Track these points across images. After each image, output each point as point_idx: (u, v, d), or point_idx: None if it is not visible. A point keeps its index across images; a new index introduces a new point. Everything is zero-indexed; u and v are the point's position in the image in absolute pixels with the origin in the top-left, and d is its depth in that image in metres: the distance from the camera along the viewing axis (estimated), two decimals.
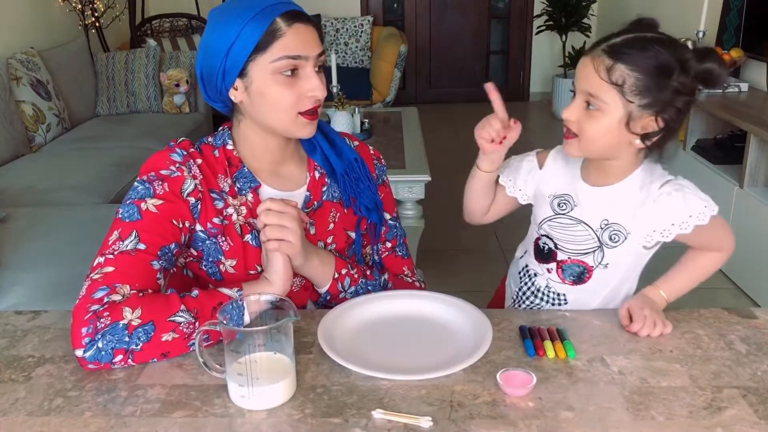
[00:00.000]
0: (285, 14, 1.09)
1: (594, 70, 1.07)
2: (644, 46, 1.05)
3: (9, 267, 2.12)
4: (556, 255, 1.22)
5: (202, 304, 1.03)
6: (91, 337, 0.97)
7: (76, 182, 2.99)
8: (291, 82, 1.10)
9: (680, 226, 1.12)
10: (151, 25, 5.14)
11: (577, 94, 1.11)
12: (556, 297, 1.26)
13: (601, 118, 1.08)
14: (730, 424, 0.88)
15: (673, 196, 1.13)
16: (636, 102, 1.06)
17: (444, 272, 2.91)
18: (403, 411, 0.90)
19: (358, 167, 1.25)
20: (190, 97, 4.27)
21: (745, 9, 3.41)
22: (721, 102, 3.15)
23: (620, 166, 1.15)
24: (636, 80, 1.05)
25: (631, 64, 1.04)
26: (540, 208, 1.24)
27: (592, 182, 1.19)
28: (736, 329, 1.11)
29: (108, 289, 1.01)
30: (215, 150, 1.19)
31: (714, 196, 1.17)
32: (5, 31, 3.71)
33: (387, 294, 1.19)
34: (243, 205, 1.17)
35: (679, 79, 1.05)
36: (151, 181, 1.11)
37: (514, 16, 6.23)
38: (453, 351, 1.03)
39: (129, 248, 1.05)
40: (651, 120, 1.08)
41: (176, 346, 1.01)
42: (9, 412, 0.92)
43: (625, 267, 1.22)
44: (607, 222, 1.16)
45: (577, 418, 0.89)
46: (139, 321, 0.98)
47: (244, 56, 1.09)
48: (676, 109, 1.07)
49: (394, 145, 3.18)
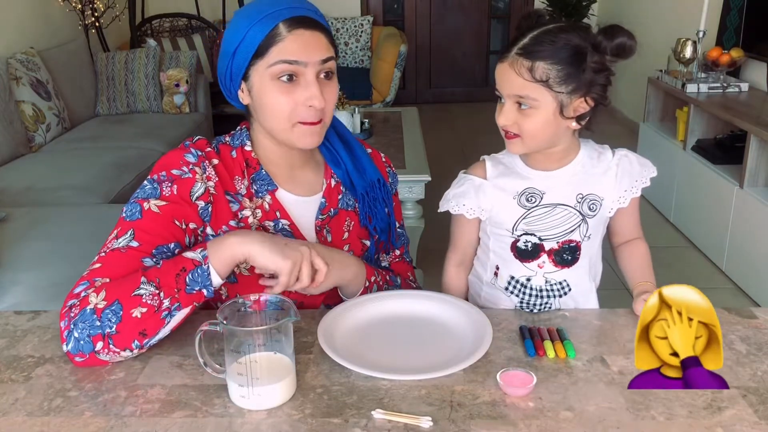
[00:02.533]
0: (289, 19, 1.07)
1: (516, 73, 1.12)
2: (553, 39, 1.11)
3: (9, 267, 2.12)
4: (543, 247, 1.23)
5: (164, 273, 1.00)
6: (68, 329, 0.98)
7: (76, 182, 2.99)
8: (289, 89, 1.08)
9: (642, 182, 1.23)
10: (151, 25, 5.14)
11: (506, 99, 1.16)
12: (559, 286, 1.24)
13: (536, 114, 1.13)
14: (730, 424, 0.88)
15: (629, 157, 1.24)
16: (564, 90, 1.12)
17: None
18: (403, 411, 0.90)
19: (378, 188, 1.24)
20: (190, 97, 4.27)
21: (745, 9, 3.41)
22: (721, 102, 3.16)
23: (562, 149, 1.21)
24: (558, 72, 1.10)
25: (548, 59, 1.10)
26: (506, 214, 1.22)
27: (546, 168, 1.22)
28: (736, 329, 1.11)
29: (87, 284, 1.01)
30: (233, 150, 1.18)
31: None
32: (5, 31, 3.71)
33: (387, 294, 1.19)
34: (259, 208, 1.16)
35: (593, 59, 1.11)
36: (160, 181, 1.10)
37: (514, 16, 6.23)
38: (453, 351, 1.03)
39: (121, 245, 1.05)
40: (581, 102, 1.14)
41: (149, 321, 0.98)
42: (9, 412, 0.92)
43: (600, 235, 1.27)
44: (582, 195, 1.21)
45: (577, 418, 0.89)
46: (104, 303, 0.97)
47: (246, 60, 1.09)
48: (600, 86, 1.13)
49: (394, 145, 3.19)
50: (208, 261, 1.01)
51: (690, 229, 3.32)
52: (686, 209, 3.35)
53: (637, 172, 1.22)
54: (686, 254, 3.20)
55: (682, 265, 3.11)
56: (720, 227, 2.98)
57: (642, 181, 1.23)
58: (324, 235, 1.21)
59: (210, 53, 5.10)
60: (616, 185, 1.22)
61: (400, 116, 3.80)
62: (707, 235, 3.14)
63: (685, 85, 3.35)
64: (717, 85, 3.33)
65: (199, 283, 1.00)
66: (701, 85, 3.33)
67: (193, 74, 4.30)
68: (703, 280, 2.96)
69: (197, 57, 4.53)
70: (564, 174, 1.22)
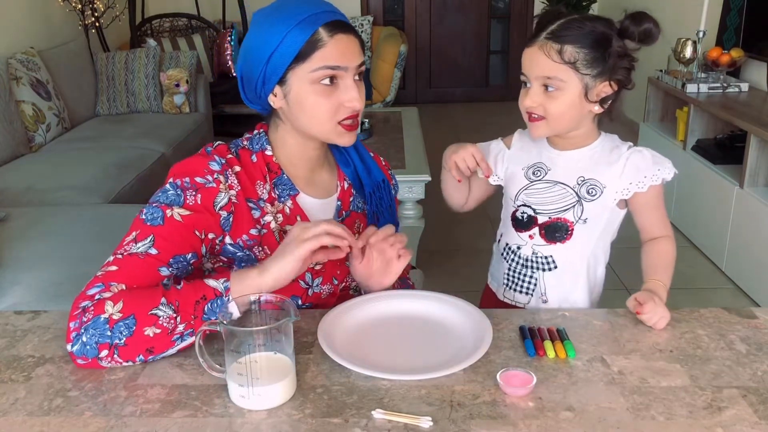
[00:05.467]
0: (328, 24, 1.08)
1: (546, 56, 1.18)
2: (580, 26, 1.18)
3: (9, 267, 2.12)
4: (536, 219, 1.29)
5: (184, 297, 1.00)
6: (77, 332, 0.98)
7: (76, 182, 2.99)
8: (329, 91, 1.10)
9: (651, 178, 1.24)
10: (151, 25, 5.14)
11: (533, 82, 1.21)
12: (545, 261, 1.30)
13: (562, 96, 1.19)
14: (730, 424, 0.88)
15: (643, 153, 1.26)
16: (590, 73, 1.18)
17: (444, 272, 2.91)
18: (403, 411, 0.90)
19: (384, 187, 1.28)
20: (190, 97, 4.27)
21: (745, 9, 3.41)
22: (721, 102, 3.16)
23: (581, 134, 1.27)
24: (585, 55, 1.17)
25: (576, 43, 1.17)
26: (514, 183, 1.33)
27: (561, 148, 1.29)
28: (736, 329, 1.11)
29: (102, 287, 1.00)
30: (253, 155, 1.17)
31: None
32: (5, 31, 3.71)
33: (387, 294, 1.19)
34: (280, 213, 1.16)
35: (618, 44, 1.19)
36: (185, 188, 1.09)
37: (514, 16, 6.23)
38: (453, 351, 1.03)
39: (140, 251, 1.04)
40: (605, 86, 1.21)
41: (160, 341, 0.99)
42: (9, 412, 0.92)
43: (602, 225, 1.29)
44: (583, 178, 1.26)
45: (577, 418, 0.89)
46: (120, 315, 0.97)
47: (285, 64, 1.08)
48: (624, 69, 1.21)
49: (394, 145, 3.19)
50: (229, 294, 1.01)
51: (690, 229, 3.32)
52: (686, 209, 3.35)
53: (646, 168, 1.24)
54: (686, 254, 3.20)
55: (682, 265, 3.10)
56: (720, 227, 2.98)
57: (652, 178, 1.23)
58: None
59: (210, 53, 5.10)
60: (621, 176, 1.24)
61: (400, 116, 3.80)
62: (707, 235, 3.14)
63: (685, 85, 3.35)
64: (717, 85, 3.33)
65: (216, 314, 1.00)
66: (701, 85, 3.33)
67: (193, 74, 4.30)
68: (703, 280, 2.96)
69: (197, 57, 4.53)
70: (573, 156, 1.28)
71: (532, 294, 1.33)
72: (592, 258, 1.31)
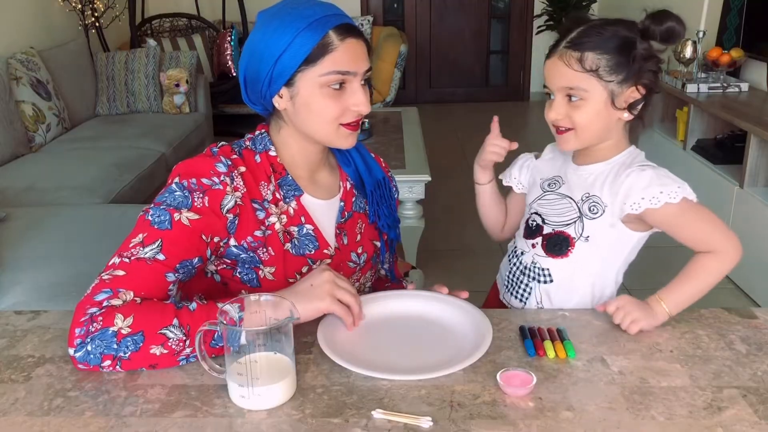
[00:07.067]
0: (338, 27, 1.07)
1: (566, 65, 1.15)
2: (600, 31, 1.14)
3: (9, 267, 2.12)
4: (542, 229, 1.28)
5: (196, 321, 0.99)
6: (83, 339, 0.97)
7: (76, 182, 2.99)
8: (337, 95, 1.10)
9: (650, 201, 1.14)
10: (151, 25, 5.14)
11: (556, 93, 1.18)
12: (541, 272, 1.27)
13: (586, 105, 1.15)
14: (730, 424, 0.88)
15: (646, 171, 1.17)
16: (614, 80, 1.14)
17: (444, 272, 2.91)
18: (403, 411, 0.90)
19: (384, 185, 1.29)
20: (190, 97, 4.27)
21: (745, 9, 3.41)
22: (721, 102, 3.16)
23: (607, 146, 1.22)
24: (607, 61, 1.13)
25: (597, 50, 1.13)
26: (532, 192, 1.33)
27: (580, 162, 1.26)
28: (736, 329, 1.11)
29: (110, 293, 0.99)
30: (256, 155, 1.17)
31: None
32: (5, 31, 3.71)
33: (387, 294, 1.19)
34: (284, 214, 1.16)
35: (642, 46, 1.14)
36: (191, 189, 1.07)
37: (514, 16, 6.23)
38: (453, 351, 1.03)
39: (147, 256, 1.02)
40: (632, 91, 1.15)
41: (165, 360, 0.99)
42: (9, 412, 0.92)
43: (607, 245, 1.23)
44: (588, 195, 1.23)
45: (577, 418, 0.89)
46: (128, 330, 0.97)
47: (294, 66, 1.07)
48: (650, 72, 1.16)
49: (394, 145, 3.19)
50: (242, 323, 1.00)
51: None
52: None
53: (642, 189, 1.14)
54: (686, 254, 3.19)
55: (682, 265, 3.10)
56: None
57: (652, 201, 1.13)
58: (342, 238, 1.22)
59: (210, 53, 5.10)
60: (616, 196, 1.18)
61: (400, 116, 3.80)
62: None
63: (685, 85, 3.35)
64: (717, 85, 3.33)
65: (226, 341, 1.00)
66: (701, 85, 3.33)
67: (193, 74, 4.30)
68: None
69: (197, 57, 4.52)
70: (588, 170, 1.24)
71: (525, 302, 1.30)
72: (598, 279, 1.26)
